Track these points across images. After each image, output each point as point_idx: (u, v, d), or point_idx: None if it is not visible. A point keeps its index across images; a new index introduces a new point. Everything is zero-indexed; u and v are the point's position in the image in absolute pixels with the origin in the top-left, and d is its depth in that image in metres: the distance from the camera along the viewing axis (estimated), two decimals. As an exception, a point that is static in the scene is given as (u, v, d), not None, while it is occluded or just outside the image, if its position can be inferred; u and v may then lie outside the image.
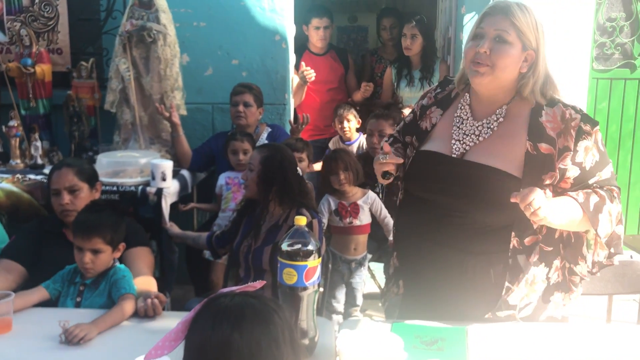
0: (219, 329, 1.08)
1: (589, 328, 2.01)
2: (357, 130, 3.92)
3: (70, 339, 1.74)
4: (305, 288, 1.58)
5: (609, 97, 4.27)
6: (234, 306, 1.11)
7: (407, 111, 3.60)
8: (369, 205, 3.06)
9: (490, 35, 1.79)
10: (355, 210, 3.02)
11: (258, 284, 1.23)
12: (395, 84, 4.23)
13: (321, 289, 2.69)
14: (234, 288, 1.19)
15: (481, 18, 1.84)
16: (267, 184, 2.46)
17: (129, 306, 1.93)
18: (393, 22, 4.55)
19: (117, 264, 2.11)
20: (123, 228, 2.16)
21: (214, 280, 3.25)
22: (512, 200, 1.65)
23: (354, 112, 3.87)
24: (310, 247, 1.59)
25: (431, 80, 4.15)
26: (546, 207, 1.64)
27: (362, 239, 3.08)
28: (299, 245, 1.59)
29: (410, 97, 4.10)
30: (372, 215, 3.13)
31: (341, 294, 3.12)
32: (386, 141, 2.15)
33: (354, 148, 3.87)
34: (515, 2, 1.81)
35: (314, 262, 1.59)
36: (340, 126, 3.86)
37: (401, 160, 1.94)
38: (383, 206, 3.10)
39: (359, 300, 3.16)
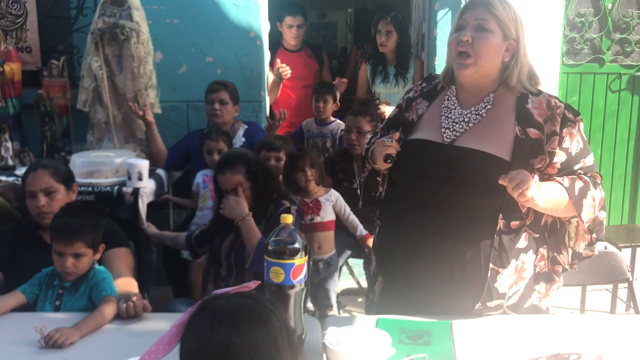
0: (217, 331, 1.06)
1: (567, 318, 2.06)
2: (334, 115, 3.93)
3: (50, 344, 1.71)
4: (292, 286, 1.57)
5: (579, 91, 4.35)
6: (231, 308, 1.10)
7: (383, 107, 3.62)
8: (331, 203, 3.03)
9: (471, 25, 1.85)
10: (317, 206, 2.99)
11: (252, 284, 1.22)
12: (370, 80, 4.25)
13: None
14: (228, 289, 1.18)
15: (462, 11, 1.90)
16: (262, 192, 2.47)
17: (110, 309, 1.89)
18: None
19: (97, 266, 2.08)
20: (102, 229, 2.13)
21: (193, 280, 3.23)
22: (500, 182, 1.70)
23: (334, 94, 3.86)
24: (297, 245, 1.58)
25: (406, 76, 4.17)
26: (533, 189, 1.69)
27: (326, 237, 3.03)
28: (286, 244, 1.58)
29: (386, 93, 4.12)
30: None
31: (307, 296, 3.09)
32: (371, 138, 2.16)
33: (329, 130, 3.87)
34: None
35: (300, 260, 1.58)
36: (316, 104, 3.86)
37: (399, 148, 1.94)
38: (346, 205, 3.09)
39: (333, 300, 3.14)
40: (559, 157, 1.84)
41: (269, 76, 4.03)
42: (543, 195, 1.75)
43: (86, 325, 1.80)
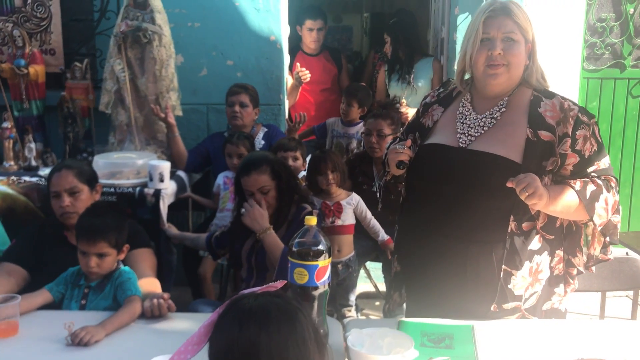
0: (246, 329, 1.08)
1: (589, 324, 2.05)
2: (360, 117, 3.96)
3: (76, 342, 1.74)
4: (316, 287, 1.59)
5: (599, 96, 4.33)
6: (259, 306, 1.11)
7: (405, 109, 3.63)
8: (352, 206, 3.05)
9: (499, 38, 1.87)
10: (338, 209, 3.01)
11: (279, 284, 1.24)
12: (387, 81, 4.27)
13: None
14: (255, 289, 1.20)
15: (483, 22, 1.89)
16: (287, 193, 2.47)
17: (135, 308, 1.92)
18: None
19: (122, 266, 2.11)
20: (126, 229, 2.15)
21: (201, 274, 3.25)
22: (508, 184, 1.73)
23: (360, 99, 3.87)
24: (320, 247, 1.59)
25: (407, 77, 4.16)
26: (540, 191, 1.71)
27: (346, 240, 3.05)
28: (310, 245, 1.59)
29: (401, 95, 4.12)
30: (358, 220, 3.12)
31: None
32: (391, 143, 2.19)
33: (355, 132, 3.90)
34: (510, 1, 1.91)
35: (324, 262, 1.59)
36: (341, 106, 3.90)
37: (412, 154, 1.98)
38: (367, 209, 3.10)
39: (352, 300, 3.16)
40: (571, 159, 1.85)
41: (288, 80, 4.05)
42: (552, 197, 1.77)
43: (111, 324, 1.83)
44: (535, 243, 1.87)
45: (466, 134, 1.92)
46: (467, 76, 2.03)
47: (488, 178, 1.83)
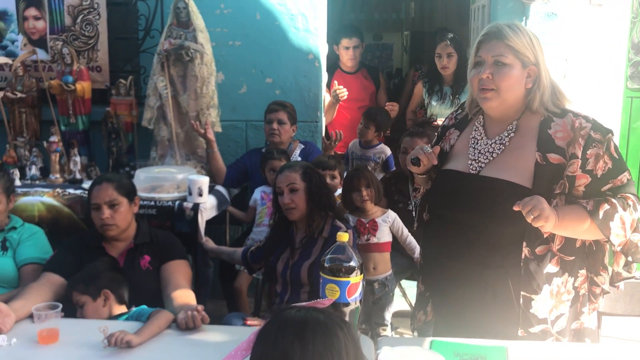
0: (281, 338, 1.10)
1: (633, 348, 2.00)
2: (387, 139, 3.98)
3: (112, 341, 1.79)
4: (347, 304, 1.60)
5: (643, 116, 4.23)
6: (298, 317, 1.14)
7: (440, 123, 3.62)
8: (388, 224, 3.04)
9: (489, 62, 1.87)
10: (373, 227, 3.01)
11: (327, 302, 1.26)
12: (427, 100, 4.26)
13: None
14: (303, 303, 1.22)
15: (477, 46, 1.91)
16: (316, 198, 2.50)
17: (163, 316, 1.97)
18: None
19: (133, 308, 2.16)
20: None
21: (238, 288, 3.28)
22: (515, 208, 1.72)
23: (379, 123, 3.90)
24: (352, 264, 1.61)
25: (459, 97, 4.15)
26: (546, 213, 1.70)
27: (381, 257, 3.04)
28: (342, 262, 1.61)
29: (442, 114, 4.11)
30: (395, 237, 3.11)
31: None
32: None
33: (371, 154, 3.91)
34: (507, 24, 1.88)
35: (356, 279, 1.61)
36: (359, 125, 3.94)
37: (435, 162, 2.00)
38: (404, 226, 3.08)
39: (387, 320, 3.13)
40: (582, 180, 1.82)
41: (326, 97, 4.09)
42: (560, 218, 1.75)
43: (144, 333, 1.88)
44: (551, 266, 1.85)
45: (477, 160, 1.93)
46: None
47: (499, 204, 1.83)
